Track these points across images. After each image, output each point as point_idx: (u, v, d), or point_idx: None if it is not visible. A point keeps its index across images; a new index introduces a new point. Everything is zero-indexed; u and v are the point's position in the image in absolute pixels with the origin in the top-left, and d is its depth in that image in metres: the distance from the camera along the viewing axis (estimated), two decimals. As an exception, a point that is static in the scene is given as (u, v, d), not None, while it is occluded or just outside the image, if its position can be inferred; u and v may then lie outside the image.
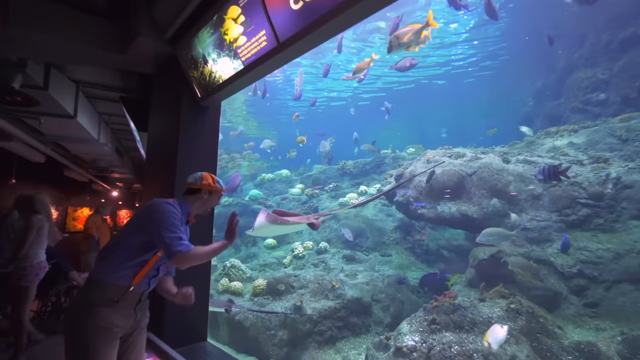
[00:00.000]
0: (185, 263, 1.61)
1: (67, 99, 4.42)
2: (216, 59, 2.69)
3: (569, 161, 7.17)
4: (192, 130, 3.25)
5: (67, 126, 5.13)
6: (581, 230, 6.43)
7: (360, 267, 8.04)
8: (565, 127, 8.92)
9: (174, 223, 1.64)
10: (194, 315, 3.13)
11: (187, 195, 1.92)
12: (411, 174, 8.06)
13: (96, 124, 6.06)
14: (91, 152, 7.69)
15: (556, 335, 5.18)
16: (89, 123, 5.47)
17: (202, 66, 2.89)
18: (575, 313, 5.89)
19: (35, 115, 4.83)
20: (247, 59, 2.39)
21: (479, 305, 5.72)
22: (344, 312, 6.43)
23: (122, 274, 1.63)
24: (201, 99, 3.11)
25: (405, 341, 4.92)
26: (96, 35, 3.02)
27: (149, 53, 3.14)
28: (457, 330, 5.09)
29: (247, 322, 6.04)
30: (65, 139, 6.24)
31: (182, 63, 3.10)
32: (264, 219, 3.14)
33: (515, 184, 7.01)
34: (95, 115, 5.96)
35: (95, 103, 5.55)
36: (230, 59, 2.55)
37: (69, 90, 4.45)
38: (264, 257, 8.85)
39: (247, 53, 2.38)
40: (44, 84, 3.76)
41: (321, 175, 12.74)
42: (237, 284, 6.90)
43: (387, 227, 10.01)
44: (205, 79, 2.94)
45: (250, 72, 2.46)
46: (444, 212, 7.26)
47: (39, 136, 6.01)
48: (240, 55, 2.44)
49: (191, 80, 3.10)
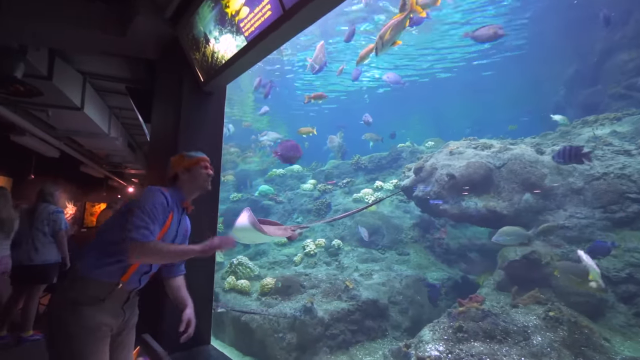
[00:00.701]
0: (140, 255, 1.41)
1: (74, 90, 4.37)
2: (218, 36, 2.54)
3: (615, 151, 6.36)
4: (194, 118, 3.03)
5: (76, 119, 5.18)
6: (630, 229, 5.65)
7: (376, 267, 7.50)
8: (606, 115, 8.02)
9: (151, 211, 1.49)
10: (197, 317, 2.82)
11: (174, 184, 1.79)
12: (432, 167, 7.42)
13: (106, 117, 6.06)
14: (104, 147, 7.81)
15: (604, 348, 4.49)
16: (98, 116, 5.45)
17: (203, 46, 2.72)
18: (625, 323, 5.14)
19: (42, 107, 4.85)
20: (251, 34, 2.23)
21: (511, 311, 5.09)
22: (359, 314, 5.91)
23: (109, 270, 1.49)
24: (204, 83, 2.90)
25: (428, 351, 4.36)
26: (94, 17, 2.93)
27: (149, 35, 3.00)
28: (487, 340, 4.49)
29: (254, 323, 5.63)
30: (76, 133, 6.38)
31: (183, 45, 2.91)
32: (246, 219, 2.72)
33: (551, 177, 6.28)
34: (105, 109, 5.99)
35: (104, 96, 5.52)
36: (233, 36, 2.39)
37: (76, 82, 4.41)
38: (273, 255, 8.44)
39: (250, 27, 2.21)
40: (47, 73, 3.69)
41: (334, 171, 12.21)
42: (244, 283, 6.51)
43: (404, 225, 9.40)
44: (207, 60, 2.75)
45: (254, 48, 2.28)
46: (470, 209, 6.60)
47: (50, 130, 6.07)
48: (243, 29, 2.26)
49: (193, 63, 2.91)
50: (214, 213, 2.98)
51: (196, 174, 1.78)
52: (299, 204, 10.67)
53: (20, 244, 3.75)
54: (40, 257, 3.79)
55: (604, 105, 9.38)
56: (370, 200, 10.21)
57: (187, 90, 2.99)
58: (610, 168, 5.93)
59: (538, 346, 4.31)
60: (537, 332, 4.54)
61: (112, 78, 4.61)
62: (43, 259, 3.81)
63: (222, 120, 3.30)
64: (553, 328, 4.63)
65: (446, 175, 6.95)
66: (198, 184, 1.79)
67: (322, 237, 9.08)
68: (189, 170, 1.77)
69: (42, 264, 3.80)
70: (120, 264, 1.50)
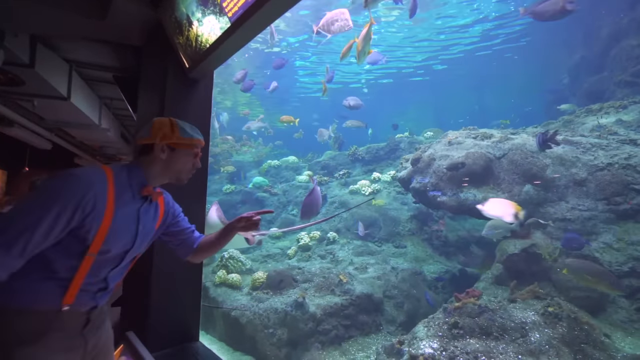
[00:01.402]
0: None
1: (59, 79, 4.16)
2: (201, 18, 2.36)
3: (620, 140, 6.10)
4: (179, 106, 2.87)
5: (63, 109, 5.01)
6: (635, 221, 5.43)
7: (372, 260, 7.32)
8: (611, 104, 7.73)
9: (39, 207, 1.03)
10: (184, 313, 2.75)
11: (138, 158, 1.31)
12: (430, 157, 7.17)
13: (96, 108, 5.91)
14: (95, 138, 7.71)
15: (604, 345, 4.32)
16: (87, 106, 5.27)
17: (186, 30, 2.55)
18: (626, 319, 4.97)
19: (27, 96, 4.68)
20: (235, 14, 2.05)
21: (509, 307, 4.91)
22: (352, 309, 5.76)
23: (42, 292, 1.08)
24: (189, 69, 2.72)
25: (422, 348, 4.20)
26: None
27: (131, 19, 2.83)
28: (483, 337, 4.32)
29: (244, 319, 5.48)
30: (66, 124, 6.28)
31: (166, 29, 2.74)
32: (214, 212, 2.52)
33: (553, 168, 6.04)
34: (95, 99, 5.83)
35: (94, 86, 5.32)
36: (216, 17, 2.20)
37: (61, 70, 4.21)
38: (267, 248, 8.27)
39: (233, 6, 2.03)
40: (30, 61, 3.48)
41: (331, 162, 11.97)
42: (235, 277, 6.34)
43: (402, 217, 9.20)
44: (191, 44, 2.58)
45: (239, 29, 2.09)
46: (468, 201, 6.38)
47: (40, 121, 5.95)
48: (226, 9, 2.08)
49: (177, 48, 2.72)
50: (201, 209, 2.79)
51: (181, 159, 1.33)
52: (294, 196, 10.46)
53: None
54: None
55: (610, 93, 9.05)
56: (367, 192, 10.00)
57: (172, 77, 2.82)
58: (615, 158, 5.68)
59: (536, 343, 4.14)
60: (535, 329, 4.37)
61: (100, 67, 4.37)
62: None
63: (210, 108, 3.12)
64: (552, 324, 4.46)
65: (444, 167, 6.72)
66: (174, 172, 1.34)
67: (317, 230, 8.90)
68: (174, 149, 1.31)
69: None
70: (53, 280, 1.09)
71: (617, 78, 8.76)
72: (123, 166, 1.26)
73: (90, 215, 1.10)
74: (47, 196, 1.05)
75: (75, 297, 1.13)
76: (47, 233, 1.03)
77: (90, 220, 1.10)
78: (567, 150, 6.19)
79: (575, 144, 6.29)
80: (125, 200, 1.21)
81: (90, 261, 1.13)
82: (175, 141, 1.29)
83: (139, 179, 1.27)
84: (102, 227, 1.13)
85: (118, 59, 4.08)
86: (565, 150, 6.22)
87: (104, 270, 1.21)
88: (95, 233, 1.11)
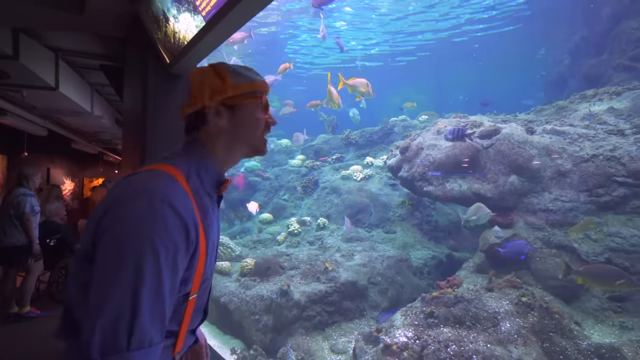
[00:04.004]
0: None
1: (46, 69, 4.13)
2: (177, 15, 2.30)
3: (608, 131, 6.05)
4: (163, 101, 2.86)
5: (54, 98, 5.02)
6: (615, 213, 5.51)
7: (359, 247, 7.49)
8: (606, 89, 7.56)
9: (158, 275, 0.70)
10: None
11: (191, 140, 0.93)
12: (418, 146, 7.15)
13: (88, 95, 5.88)
14: (90, 125, 7.73)
15: (573, 334, 4.53)
16: (78, 95, 5.23)
17: (164, 25, 2.49)
18: (598, 307, 5.17)
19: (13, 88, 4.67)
20: (208, 13, 1.98)
21: (484, 296, 5.09)
22: (337, 296, 5.97)
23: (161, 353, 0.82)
24: (170, 65, 2.69)
25: (397, 337, 4.41)
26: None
27: (108, 12, 2.82)
28: (456, 326, 4.52)
29: (232, 305, 5.72)
30: (58, 112, 6.28)
31: (145, 23, 2.69)
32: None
33: (539, 159, 6.03)
34: (86, 87, 5.74)
35: (83, 73, 5.25)
36: (191, 15, 2.14)
37: (47, 60, 4.15)
38: (257, 233, 8.44)
39: (206, 5, 1.97)
40: (13, 52, 3.47)
41: (324, 146, 11.92)
42: (224, 264, 6.54)
43: (392, 202, 9.29)
44: (170, 40, 2.52)
45: (214, 29, 2.03)
46: (454, 190, 6.43)
47: (33, 109, 6.00)
48: (200, 8, 2.02)
49: (156, 43, 2.69)
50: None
51: (248, 117, 0.93)
52: (285, 181, 10.52)
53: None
54: (8, 239, 4.01)
55: (607, 77, 8.82)
56: (359, 178, 10.04)
57: (153, 71, 2.81)
58: (600, 150, 5.66)
59: (505, 332, 4.34)
60: (507, 318, 4.55)
61: (87, 54, 4.32)
62: (10, 242, 4.02)
63: None
64: (524, 314, 4.64)
65: (432, 156, 6.71)
66: (246, 141, 0.94)
67: (307, 215, 9.03)
68: (234, 107, 0.91)
69: (8, 247, 4.02)
70: (169, 333, 0.85)
71: (615, 62, 8.51)
72: (185, 160, 0.87)
73: (195, 245, 0.80)
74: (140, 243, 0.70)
75: (183, 343, 0.91)
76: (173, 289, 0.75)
77: (195, 254, 0.81)
78: (554, 141, 6.15)
79: (563, 134, 6.24)
80: (207, 210, 0.87)
81: (194, 300, 0.88)
82: (232, 94, 0.89)
83: (211, 173, 0.90)
84: (200, 257, 0.84)
85: (105, 47, 4.04)
86: (552, 140, 6.18)
87: (203, 300, 0.97)
88: (196, 267, 0.83)
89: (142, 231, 0.69)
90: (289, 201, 9.84)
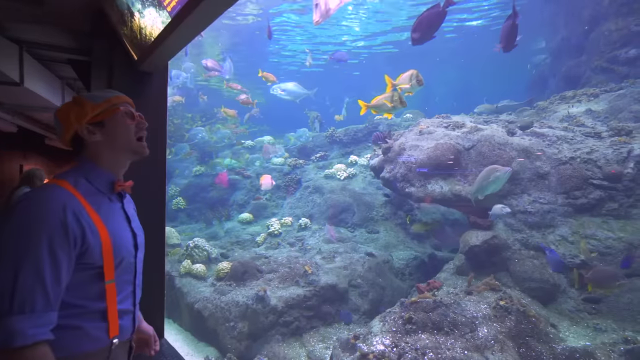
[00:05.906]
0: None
1: (8, 63, 3.77)
2: (142, 10, 2.17)
3: (585, 133, 6.09)
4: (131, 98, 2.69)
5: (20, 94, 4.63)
6: (590, 215, 5.55)
7: (341, 249, 7.36)
8: (584, 91, 7.66)
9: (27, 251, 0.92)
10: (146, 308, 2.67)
11: (81, 157, 1.14)
12: (400, 147, 7.04)
13: (58, 90, 5.47)
14: None
15: (549, 338, 4.54)
16: (46, 90, 4.84)
17: (129, 20, 2.35)
18: (574, 308, 5.22)
19: None
20: (173, 9, 1.86)
21: (464, 300, 5.05)
22: (315, 300, 5.83)
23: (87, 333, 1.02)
24: (138, 62, 2.55)
25: (374, 344, 4.30)
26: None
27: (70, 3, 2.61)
28: (434, 332, 4.45)
29: (206, 312, 5.49)
30: (28, 108, 5.84)
31: (110, 17, 2.54)
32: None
33: (519, 161, 6.02)
34: (56, 81, 5.38)
35: (53, 67, 4.85)
36: (156, 10, 2.03)
37: (9, 52, 3.80)
38: (237, 234, 8.19)
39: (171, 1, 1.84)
40: None
41: (308, 144, 11.71)
42: (199, 267, 6.29)
43: (376, 202, 9.21)
44: (136, 36, 2.38)
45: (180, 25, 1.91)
46: (435, 192, 6.37)
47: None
48: (165, 3, 1.90)
49: (123, 39, 2.54)
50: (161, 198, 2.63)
51: (117, 129, 1.13)
52: (268, 180, 10.26)
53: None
54: None
55: (585, 78, 8.94)
56: (343, 177, 9.90)
57: (120, 68, 2.66)
58: (578, 152, 5.69)
59: (483, 338, 4.30)
60: (485, 323, 4.52)
61: (55, 47, 3.96)
62: None
63: (165, 102, 2.93)
64: (501, 318, 4.62)
65: (413, 157, 6.62)
66: (122, 147, 1.15)
67: (289, 215, 8.84)
68: (102, 123, 1.11)
69: None
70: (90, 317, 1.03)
71: (593, 63, 8.63)
72: (73, 172, 1.09)
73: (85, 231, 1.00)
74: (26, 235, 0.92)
75: (119, 326, 1.08)
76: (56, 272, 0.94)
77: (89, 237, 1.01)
78: (534, 143, 6.16)
79: (542, 136, 6.25)
80: (104, 205, 1.09)
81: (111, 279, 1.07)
82: (93, 113, 1.10)
83: (102, 177, 1.12)
84: (104, 240, 1.04)
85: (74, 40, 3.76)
86: (532, 142, 6.18)
87: (129, 284, 1.15)
88: (100, 249, 1.03)
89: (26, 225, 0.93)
90: (270, 200, 9.61)
